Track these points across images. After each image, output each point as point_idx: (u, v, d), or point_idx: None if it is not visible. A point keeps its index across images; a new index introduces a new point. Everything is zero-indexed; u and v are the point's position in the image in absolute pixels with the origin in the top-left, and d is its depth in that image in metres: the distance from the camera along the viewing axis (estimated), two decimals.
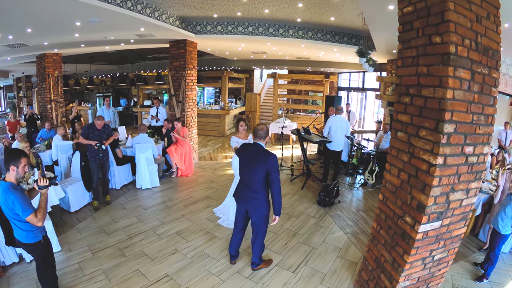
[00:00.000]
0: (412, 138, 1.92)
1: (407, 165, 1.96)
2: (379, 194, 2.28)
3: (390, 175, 2.14)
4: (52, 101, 6.87)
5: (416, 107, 1.90)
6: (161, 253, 2.90)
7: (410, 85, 1.96)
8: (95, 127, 3.84)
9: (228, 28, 5.38)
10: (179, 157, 5.13)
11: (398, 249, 2.03)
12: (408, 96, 1.98)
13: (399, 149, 2.05)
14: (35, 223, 1.85)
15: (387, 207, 2.16)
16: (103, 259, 2.79)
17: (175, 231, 3.35)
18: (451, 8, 1.63)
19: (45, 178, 1.91)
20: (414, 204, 1.89)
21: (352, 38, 6.03)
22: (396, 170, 2.07)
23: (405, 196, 1.97)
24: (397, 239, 2.04)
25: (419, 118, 1.87)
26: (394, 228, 2.08)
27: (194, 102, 6.05)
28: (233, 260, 2.76)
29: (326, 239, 3.27)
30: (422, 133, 1.84)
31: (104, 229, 3.39)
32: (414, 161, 1.90)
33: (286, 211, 3.95)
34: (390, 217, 2.12)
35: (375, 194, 4.73)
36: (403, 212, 1.99)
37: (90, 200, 4.09)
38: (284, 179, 5.30)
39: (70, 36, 5.10)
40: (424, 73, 1.86)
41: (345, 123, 4.94)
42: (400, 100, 2.04)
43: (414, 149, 1.90)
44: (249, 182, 2.41)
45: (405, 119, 1.99)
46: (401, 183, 2.02)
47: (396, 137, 2.09)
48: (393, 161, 2.12)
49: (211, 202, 4.21)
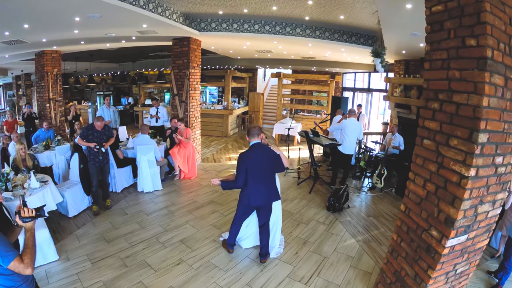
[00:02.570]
0: (442, 147, 1.77)
1: (434, 176, 1.82)
2: (401, 204, 2.13)
3: (414, 185, 1.99)
4: (51, 100, 6.69)
5: (446, 114, 1.75)
6: (165, 264, 2.74)
7: (439, 90, 1.80)
8: (95, 128, 3.68)
9: (234, 25, 5.20)
10: (182, 159, 4.96)
11: (421, 263, 1.91)
12: (437, 101, 1.82)
13: (425, 158, 1.90)
14: (22, 271, 1.35)
15: (410, 219, 2.02)
16: (103, 270, 2.64)
17: (179, 238, 3.20)
18: (488, 9, 1.50)
19: (30, 209, 1.42)
20: (441, 217, 1.76)
21: (361, 37, 5.85)
22: (421, 180, 1.92)
23: (432, 208, 1.83)
24: (421, 253, 1.91)
25: (450, 126, 1.72)
26: (417, 241, 1.94)
27: (198, 102, 5.88)
28: (263, 259, 2.83)
29: (337, 247, 3.12)
30: (453, 142, 1.69)
31: (104, 236, 3.23)
32: (443, 171, 1.75)
33: (294, 217, 3.80)
34: (413, 230, 1.98)
35: (384, 198, 4.59)
36: (428, 225, 1.85)
37: (90, 204, 3.93)
38: (291, 183, 5.15)
39: (69, 33, 4.92)
40: (456, 77, 1.70)
41: (359, 126, 4.81)
42: (428, 105, 1.88)
43: (443, 159, 1.76)
44: (265, 179, 2.62)
45: (433, 126, 1.84)
46: (427, 195, 1.87)
47: (422, 145, 1.93)
48: (418, 170, 1.96)
49: (216, 207, 4.06)
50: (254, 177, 2.55)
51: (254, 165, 2.53)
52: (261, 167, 2.56)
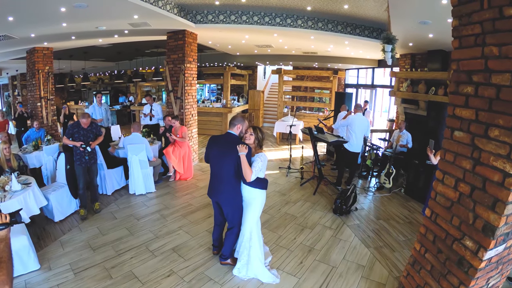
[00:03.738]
0: (478, 139, 1.47)
1: (469, 175, 1.52)
2: (426, 209, 1.82)
3: (443, 186, 1.69)
4: (42, 98, 6.43)
5: (483, 99, 1.45)
6: (154, 275, 2.45)
7: (473, 71, 1.51)
8: (81, 126, 3.40)
9: (231, 17, 4.91)
10: (177, 159, 4.67)
11: (451, 279, 1.61)
12: (470, 85, 1.52)
13: (457, 153, 1.59)
14: None
15: (438, 226, 1.72)
16: (86, 282, 2.37)
17: (171, 246, 2.90)
18: None
19: (3, 214, 1.21)
20: (478, 224, 1.46)
21: (365, 30, 5.56)
22: (452, 180, 1.62)
23: (466, 214, 1.53)
24: (451, 267, 1.62)
25: (488, 114, 1.42)
26: (446, 252, 1.65)
27: (194, 99, 5.60)
28: (215, 251, 2.71)
29: (346, 255, 2.82)
30: (493, 133, 1.39)
31: (90, 243, 2.95)
32: (481, 169, 1.46)
33: (298, 221, 3.50)
34: (442, 239, 1.68)
35: (393, 199, 4.28)
36: (461, 234, 1.56)
37: (77, 208, 3.65)
38: (293, 183, 4.85)
39: (57, 26, 4.66)
40: (495, 54, 1.40)
41: (366, 122, 4.49)
42: (458, 90, 1.58)
43: (480, 153, 1.46)
44: (218, 174, 2.35)
45: (467, 114, 1.53)
46: (460, 197, 1.57)
47: (452, 138, 1.63)
48: (448, 168, 1.66)
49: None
50: (212, 165, 2.40)
51: (214, 155, 2.37)
52: (218, 159, 2.34)
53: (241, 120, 2.38)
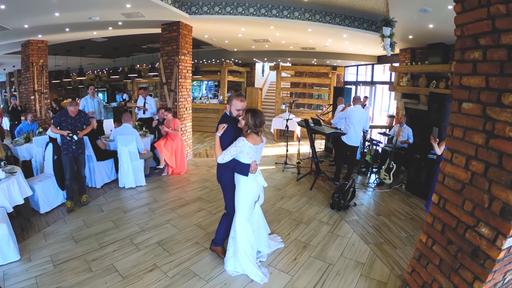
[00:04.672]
0: (490, 108, 1.30)
1: (482, 150, 1.34)
2: (433, 195, 1.62)
3: (452, 167, 1.50)
4: (36, 91, 6.32)
5: (493, 64, 1.28)
6: (136, 270, 2.29)
7: (480, 34, 1.34)
8: (68, 114, 3.28)
9: (227, 9, 4.80)
10: (169, 153, 4.53)
11: (464, 273, 1.41)
12: (477, 49, 1.35)
13: (466, 128, 1.42)
14: None
15: (447, 213, 1.53)
16: (65, 274, 2.23)
17: (156, 240, 2.74)
18: None
19: None
20: (495, 207, 1.27)
21: (364, 22, 5.44)
22: (462, 158, 1.44)
23: (480, 196, 1.34)
24: (464, 260, 1.42)
25: (500, 79, 1.25)
26: (458, 243, 1.45)
27: (188, 92, 5.47)
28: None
29: (344, 251, 2.65)
30: (507, 99, 1.22)
31: (73, 235, 2.81)
32: (496, 142, 1.28)
33: (293, 217, 3.33)
34: (452, 228, 1.49)
35: (394, 195, 4.12)
36: (475, 220, 1.36)
37: (64, 200, 3.52)
38: (289, 178, 4.68)
39: (49, 16, 4.57)
40: (502, 13, 1.24)
41: (365, 115, 4.32)
42: (464, 57, 1.42)
43: (494, 124, 1.28)
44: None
45: (476, 82, 1.36)
46: (472, 177, 1.38)
47: (460, 111, 1.45)
48: (456, 145, 1.48)
49: (203, 204, 3.61)
50: None
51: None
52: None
53: (230, 99, 2.22)
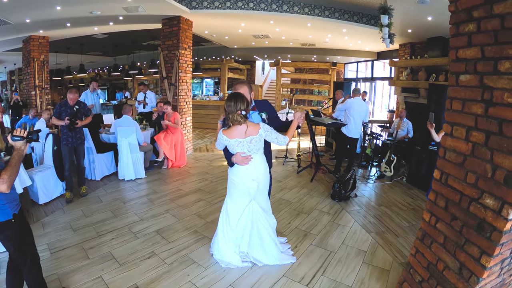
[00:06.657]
0: (488, 77, 1.28)
1: (482, 120, 1.32)
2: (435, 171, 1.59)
3: (452, 140, 1.48)
4: (37, 87, 6.34)
5: (487, 34, 1.27)
6: (133, 257, 2.27)
7: (473, 6, 1.34)
8: (68, 104, 3.28)
9: (227, 3, 4.81)
10: (168, 146, 4.52)
11: (470, 249, 1.36)
12: (471, 22, 1.35)
13: (465, 99, 1.41)
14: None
15: (450, 188, 1.49)
16: (61, 261, 2.21)
17: (155, 229, 2.72)
18: None
19: (22, 130, 1.49)
20: (499, 176, 1.23)
21: (363, 17, 5.43)
22: (462, 130, 1.42)
23: (482, 166, 1.31)
24: (469, 235, 1.37)
25: (495, 47, 1.24)
26: (462, 218, 1.41)
27: (189, 86, 5.47)
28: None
29: (345, 240, 2.62)
30: (504, 67, 1.21)
31: (72, 224, 2.80)
32: (495, 110, 1.26)
33: (294, 207, 3.31)
34: (455, 203, 1.45)
35: (395, 187, 4.09)
36: (479, 192, 1.33)
37: (64, 191, 3.51)
38: (290, 171, 4.66)
39: (51, 10, 4.60)
40: None
41: (365, 107, 4.30)
42: (459, 31, 1.42)
43: (492, 92, 1.27)
44: None
45: (472, 53, 1.35)
46: (474, 148, 1.36)
47: (458, 84, 1.44)
48: (456, 118, 1.46)
49: (203, 195, 3.60)
50: None
51: None
52: None
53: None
